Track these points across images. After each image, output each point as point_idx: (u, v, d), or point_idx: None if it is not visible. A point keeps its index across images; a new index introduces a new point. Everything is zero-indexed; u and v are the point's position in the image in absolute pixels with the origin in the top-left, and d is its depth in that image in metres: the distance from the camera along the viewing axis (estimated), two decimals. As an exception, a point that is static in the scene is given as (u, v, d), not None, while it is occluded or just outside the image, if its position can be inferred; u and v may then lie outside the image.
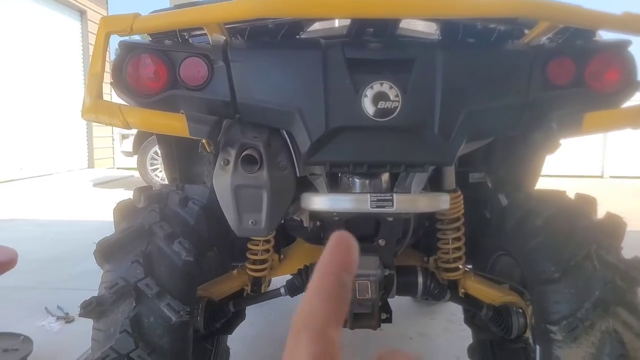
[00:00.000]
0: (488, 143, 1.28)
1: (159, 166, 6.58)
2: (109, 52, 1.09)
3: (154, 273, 1.09)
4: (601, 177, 9.26)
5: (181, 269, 1.13)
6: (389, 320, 1.35)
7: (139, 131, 6.38)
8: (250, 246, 1.42)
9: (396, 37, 1.25)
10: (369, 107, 1.00)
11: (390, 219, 1.23)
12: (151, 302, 1.07)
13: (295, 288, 1.41)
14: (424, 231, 1.51)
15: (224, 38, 1.07)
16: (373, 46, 1.08)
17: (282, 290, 1.43)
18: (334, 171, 1.16)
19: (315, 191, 1.21)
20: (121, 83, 1.07)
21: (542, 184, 1.55)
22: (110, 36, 1.02)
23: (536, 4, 0.97)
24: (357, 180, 1.22)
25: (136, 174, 7.40)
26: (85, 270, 3.11)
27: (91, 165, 10.02)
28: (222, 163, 1.08)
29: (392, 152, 1.04)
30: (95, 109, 1.03)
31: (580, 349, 1.05)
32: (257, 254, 1.42)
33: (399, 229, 1.30)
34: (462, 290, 1.44)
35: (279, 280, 1.52)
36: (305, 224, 1.34)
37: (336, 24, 1.46)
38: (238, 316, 1.46)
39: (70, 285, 2.91)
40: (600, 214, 1.22)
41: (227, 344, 1.61)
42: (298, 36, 1.30)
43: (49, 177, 8.34)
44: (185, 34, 1.14)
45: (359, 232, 1.28)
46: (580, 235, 1.13)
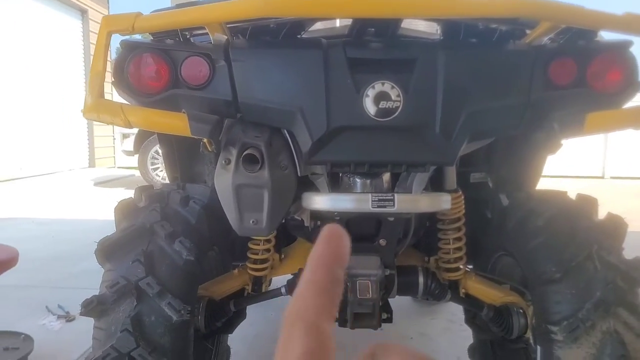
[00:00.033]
0: (489, 143, 1.27)
1: (159, 165, 6.58)
2: (110, 52, 1.09)
3: (155, 272, 1.09)
4: (602, 177, 9.25)
5: (182, 268, 1.13)
6: (389, 320, 1.35)
7: (139, 130, 6.39)
8: (251, 245, 1.42)
9: (397, 37, 1.25)
10: (370, 106, 1.00)
11: (391, 218, 1.23)
12: (152, 301, 1.07)
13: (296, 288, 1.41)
14: (424, 231, 1.51)
15: (226, 37, 1.07)
16: (374, 46, 1.08)
17: (283, 290, 1.43)
18: (335, 171, 1.16)
19: (316, 191, 1.21)
20: (123, 82, 1.07)
21: (542, 185, 1.55)
22: (112, 35, 1.02)
23: (538, 4, 0.97)
24: (358, 180, 1.22)
25: (137, 173, 7.41)
26: (85, 269, 3.11)
27: (92, 164, 10.02)
28: (223, 162, 1.08)
29: (394, 152, 1.04)
30: (97, 108, 1.03)
31: (581, 349, 1.05)
32: (257, 254, 1.42)
33: (400, 229, 1.30)
34: (463, 290, 1.44)
35: (280, 280, 1.52)
36: (306, 223, 1.34)
37: (337, 23, 1.47)
38: (239, 315, 1.46)
39: (71, 284, 2.91)
40: (601, 214, 1.22)
41: (228, 343, 1.61)
42: (299, 36, 1.30)
43: (50, 176, 8.35)
44: (187, 33, 1.14)
45: (360, 231, 1.29)
46: (582, 235, 1.13)
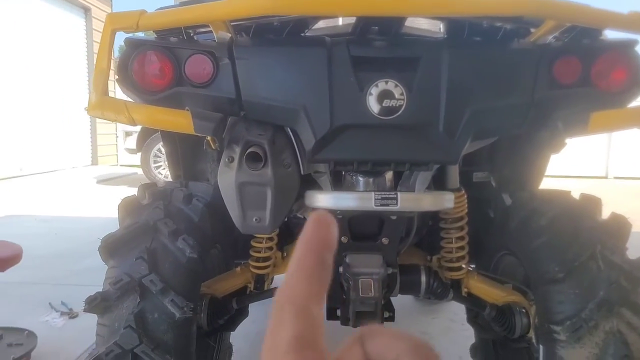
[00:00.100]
0: (492, 142, 1.27)
1: (162, 163, 6.60)
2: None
3: (158, 269, 1.10)
4: (605, 177, 9.21)
5: (185, 265, 1.13)
6: (391, 318, 1.35)
7: (142, 128, 6.40)
8: (253, 244, 1.42)
9: (401, 36, 1.25)
10: (373, 105, 1.00)
11: (394, 217, 1.23)
12: (155, 298, 1.07)
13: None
14: (427, 230, 1.51)
15: (230, 35, 1.07)
16: (378, 44, 1.08)
17: None
18: (338, 169, 1.16)
19: (319, 189, 1.21)
20: (127, 80, 1.07)
21: (545, 185, 1.54)
22: (116, 33, 1.02)
23: (543, 3, 0.96)
24: (360, 179, 1.22)
25: (139, 171, 7.42)
26: (88, 267, 3.12)
27: (95, 162, 10.04)
28: (226, 160, 1.08)
29: (397, 150, 1.04)
30: (101, 105, 1.03)
31: (584, 349, 1.05)
32: (260, 252, 1.42)
33: (403, 228, 1.30)
34: (465, 290, 1.44)
35: (282, 278, 1.52)
36: (309, 221, 1.34)
37: (340, 22, 1.46)
38: (241, 313, 1.46)
39: (74, 281, 2.92)
40: (605, 214, 1.21)
41: (230, 340, 1.62)
42: (303, 34, 1.30)
43: (52, 173, 8.37)
44: (191, 31, 1.14)
45: (362, 230, 1.29)
46: (585, 235, 1.12)
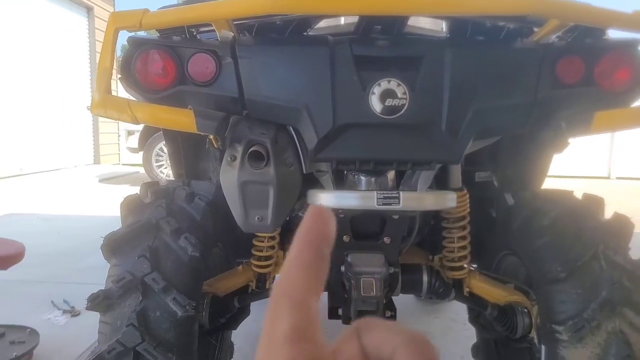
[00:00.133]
0: (495, 142, 1.27)
1: (164, 162, 6.60)
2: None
3: (161, 268, 1.10)
4: (608, 178, 9.19)
5: (187, 264, 1.13)
6: (393, 318, 1.35)
7: (144, 127, 6.41)
8: (255, 242, 1.42)
9: (404, 35, 1.25)
10: (376, 104, 1.00)
11: (396, 216, 1.23)
12: (157, 296, 1.08)
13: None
14: (429, 229, 1.51)
15: (232, 34, 1.07)
16: (381, 43, 1.08)
17: None
18: (340, 168, 1.16)
19: (321, 188, 1.21)
20: (130, 78, 1.07)
21: (547, 185, 1.54)
22: (119, 32, 1.02)
23: (546, 2, 0.96)
24: (363, 178, 1.22)
25: (141, 170, 7.43)
26: (90, 265, 3.13)
27: (97, 161, 10.06)
28: (229, 159, 1.08)
29: (399, 149, 1.04)
30: (104, 104, 1.04)
31: (586, 349, 1.05)
32: (262, 251, 1.42)
33: (405, 227, 1.30)
34: (467, 289, 1.44)
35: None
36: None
37: (342, 21, 1.46)
38: (243, 312, 1.46)
39: (76, 280, 2.93)
40: (607, 214, 1.21)
41: (232, 339, 1.62)
42: (306, 33, 1.30)
43: (55, 172, 8.39)
44: (193, 30, 1.14)
45: (364, 229, 1.29)
46: (588, 235, 1.12)
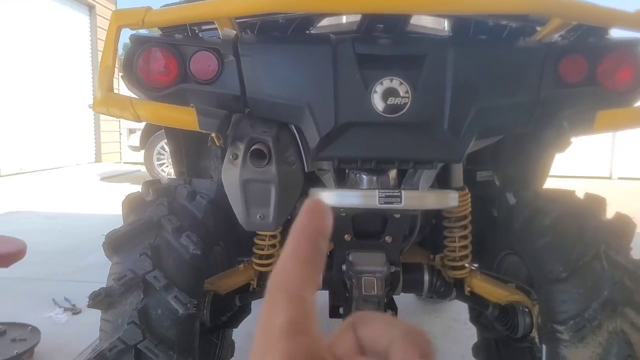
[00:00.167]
0: (496, 141, 1.27)
1: (165, 161, 6.61)
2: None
3: (162, 266, 1.10)
4: (609, 178, 9.17)
5: (189, 262, 1.13)
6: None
7: (146, 126, 6.42)
8: (256, 241, 1.42)
9: (406, 34, 1.25)
10: (378, 103, 0.99)
11: (398, 215, 1.23)
12: (159, 294, 1.08)
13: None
14: (430, 229, 1.51)
15: (235, 32, 1.07)
16: (383, 42, 1.07)
17: None
18: (342, 167, 1.16)
19: (323, 187, 1.21)
20: (132, 76, 1.07)
21: (549, 185, 1.54)
22: (122, 30, 1.02)
23: (549, 1, 0.96)
24: (364, 177, 1.22)
25: (143, 168, 7.43)
26: (92, 263, 3.13)
27: (98, 159, 10.07)
28: (230, 157, 1.08)
29: (401, 148, 1.04)
30: (107, 101, 1.04)
31: (587, 349, 1.05)
32: (263, 249, 1.42)
33: (406, 226, 1.30)
34: (468, 289, 1.44)
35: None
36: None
37: (344, 20, 1.46)
38: (244, 310, 1.46)
39: (77, 278, 2.94)
40: (609, 214, 1.21)
41: (233, 337, 1.62)
42: (308, 31, 1.30)
43: (56, 170, 8.40)
44: (195, 28, 1.14)
45: (365, 228, 1.29)
46: (589, 235, 1.12)
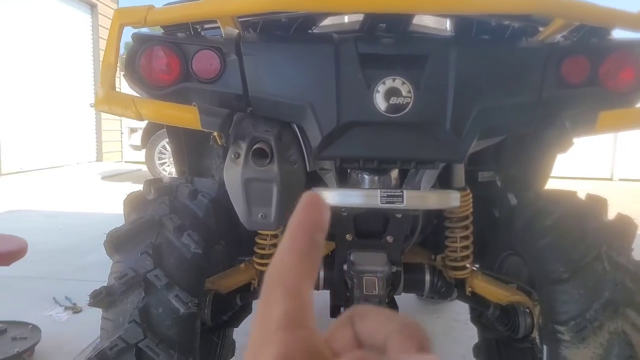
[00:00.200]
0: (498, 141, 1.27)
1: (167, 160, 6.61)
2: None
3: (163, 264, 1.10)
4: (610, 179, 9.16)
5: (190, 261, 1.13)
6: None
7: (147, 125, 6.42)
8: (257, 240, 1.42)
9: (409, 33, 1.25)
10: (380, 102, 1.00)
11: (399, 215, 1.23)
12: (160, 293, 1.08)
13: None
14: (432, 229, 1.51)
15: (237, 31, 1.07)
16: (386, 42, 1.08)
17: None
18: (344, 166, 1.16)
19: (324, 186, 1.21)
20: (134, 75, 1.07)
21: (550, 186, 1.54)
22: (124, 28, 1.03)
23: (552, 1, 0.96)
24: (366, 177, 1.22)
25: (144, 167, 7.44)
26: (92, 262, 3.13)
27: (99, 158, 10.08)
28: (232, 156, 1.08)
29: (403, 148, 1.04)
30: (109, 100, 1.04)
31: (588, 349, 1.05)
32: (264, 249, 1.42)
33: (407, 226, 1.30)
34: (469, 289, 1.43)
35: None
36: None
37: (347, 19, 1.46)
38: (245, 310, 1.46)
39: (78, 277, 2.94)
40: (611, 216, 1.21)
41: (233, 337, 1.62)
42: (310, 31, 1.30)
43: (57, 169, 8.41)
44: (198, 26, 1.14)
45: (367, 228, 1.29)
46: (591, 236, 1.12)
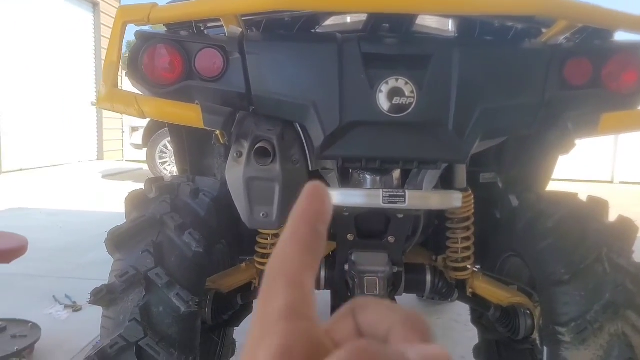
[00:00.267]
0: (500, 143, 1.27)
1: (167, 159, 6.62)
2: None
3: (164, 263, 1.10)
4: (611, 182, 9.15)
5: (191, 259, 1.13)
6: None
7: (148, 124, 6.42)
8: (259, 240, 1.42)
9: (412, 34, 1.25)
10: (383, 102, 1.00)
11: (401, 216, 1.23)
12: (161, 291, 1.08)
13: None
14: (433, 230, 1.51)
15: (240, 30, 1.07)
16: (389, 42, 1.08)
17: None
18: (346, 166, 1.16)
19: (327, 186, 1.21)
20: (137, 73, 1.07)
21: (551, 188, 1.53)
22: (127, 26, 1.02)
23: (555, 3, 0.96)
24: (368, 177, 1.22)
25: (145, 166, 7.44)
26: (92, 261, 3.13)
27: (100, 157, 10.08)
28: (235, 155, 1.08)
29: (406, 148, 1.04)
30: (111, 98, 1.04)
31: (589, 351, 1.05)
32: (265, 248, 1.42)
33: (409, 227, 1.30)
34: (470, 290, 1.43)
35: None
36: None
37: (350, 19, 1.46)
38: (245, 309, 1.46)
39: (78, 275, 2.94)
40: (611, 218, 1.21)
41: (234, 336, 1.62)
42: (314, 30, 1.30)
43: (58, 167, 8.41)
44: (201, 25, 1.14)
45: (368, 228, 1.29)
46: (592, 238, 1.12)
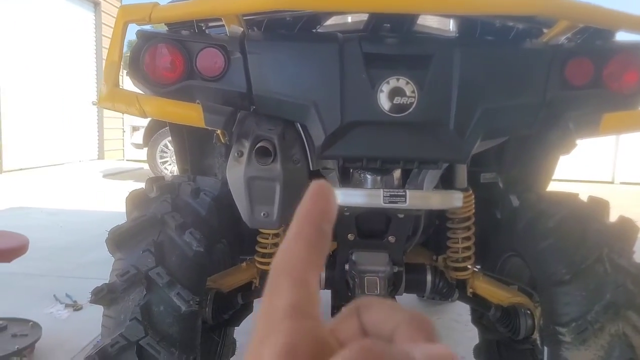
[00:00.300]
0: (501, 143, 1.27)
1: (168, 159, 6.62)
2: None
3: (165, 262, 1.10)
4: (612, 182, 9.15)
5: (192, 259, 1.13)
6: None
7: (149, 123, 6.42)
8: (259, 239, 1.42)
9: (413, 33, 1.25)
10: (384, 102, 1.00)
11: (401, 215, 1.23)
12: (161, 290, 1.08)
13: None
14: (434, 230, 1.51)
15: (242, 30, 1.07)
16: (390, 41, 1.08)
17: None
18: (347, 166, 1.16)
19: None
20: (138, 72, 1.07)
21: (551, 189, 1.53)
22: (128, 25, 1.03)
23: (556, 3, 0.96)
24: (368, 176, 1.22)
25: (145, 166, 7.45)
26: (93, 260, 3.13)
27: (101, 156, 10.08)
28: (236, 154, 1.08)
29: (406, 148, 1.04)
30: (112, 97, 1.04)
31: (589, 351, 1.05)
32: (266, 247, 1.42)
33: (410, 226, 1.30)
34: (471, 290, 1.44)
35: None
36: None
37: (351, 19, 1.46)
38: (246, 309, 1.46)
39: (79, 274, 2.94)
40: (612, 218, 1.21)
41: (234, 336, 1.62)
42: (315, 30, 1.30)
43: (59, 167, 8.42)
44: (202, 24, 1.14)
45: (369, 228, 1.29)
46: (592, 238, 1.12)
